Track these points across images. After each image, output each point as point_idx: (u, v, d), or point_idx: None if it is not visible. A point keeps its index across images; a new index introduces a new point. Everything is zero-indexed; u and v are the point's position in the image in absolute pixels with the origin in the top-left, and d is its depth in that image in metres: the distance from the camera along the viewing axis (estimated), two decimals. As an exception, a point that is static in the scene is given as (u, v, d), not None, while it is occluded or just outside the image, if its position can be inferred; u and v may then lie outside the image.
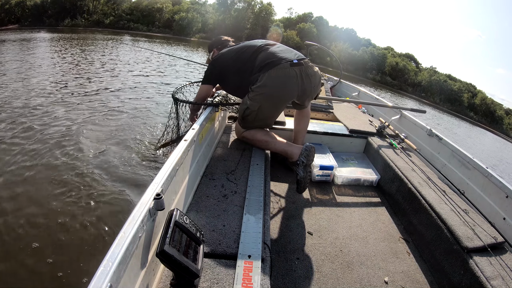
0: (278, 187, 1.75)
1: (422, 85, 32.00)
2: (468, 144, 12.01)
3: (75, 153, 2.77)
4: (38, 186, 2.25)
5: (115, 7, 30.57)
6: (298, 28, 33.22)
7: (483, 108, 31.37)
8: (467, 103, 31.17)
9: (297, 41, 30.64)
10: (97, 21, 28.64)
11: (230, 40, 1.86)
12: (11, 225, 1.86)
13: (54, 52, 9.15)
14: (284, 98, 1.52)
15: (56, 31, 19.00)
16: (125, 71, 7.36)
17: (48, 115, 3.66)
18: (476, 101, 31.71)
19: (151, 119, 3.96)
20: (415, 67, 34.22)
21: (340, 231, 1.44)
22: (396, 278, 1.21)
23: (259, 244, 0.89)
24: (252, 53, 1.53)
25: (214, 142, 1.62)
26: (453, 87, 31.46)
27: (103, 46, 11.86)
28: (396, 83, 31.39)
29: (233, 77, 1.60)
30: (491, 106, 31.72)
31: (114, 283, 0.51)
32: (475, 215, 1.35)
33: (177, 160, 0.93)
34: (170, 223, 0.69)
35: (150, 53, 11.75)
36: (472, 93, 32.65)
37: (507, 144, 20.13)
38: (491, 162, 9.47)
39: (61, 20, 26.20)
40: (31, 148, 2.78)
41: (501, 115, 31.24)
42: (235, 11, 34.33)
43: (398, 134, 2.19)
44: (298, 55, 1.53)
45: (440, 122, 16.51)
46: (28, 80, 5.21)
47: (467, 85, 33.47)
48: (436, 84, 31.57)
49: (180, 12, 31.97)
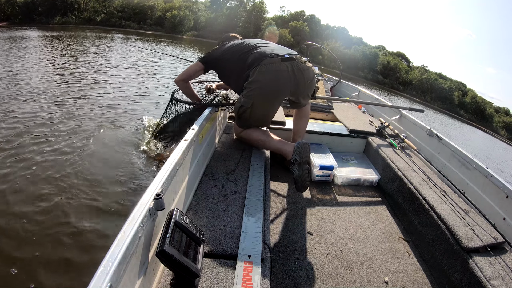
0: (278, 187, 1.75)
1: (413, 83, 32.16)
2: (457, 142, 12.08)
3: (69, 152, 2.77)
4: (32, 185, 2.25)
5: (107, 4, 30.26)
6: (290, 27, 33.13)
7: (474, 107, 31.60)
8: (457, 102, 31.39)
9: (289, 39, 30.63)
10: (88, 18, 28.28)
11: (238, 37, 1.88)
12: (8, 224, 1.86)
13: (44, 51, 8.95)
14: (276, 93, 1.50)
15: (46, 28, 18.64)
16: (117, 70, 7.25)
17: (40, 114, 3.64)
18: (466, 99, 31.91)
19: (147, 117, 3.96)
20: (406, 65, 34.32)
21: (340, 231, 1.44)
22: (396, 278, 1.21)
23: (259, 244, 0.89)
24: (246, 51, 1.53)
25: (214, 142, 1.61)
26: (444, 85, 31.60)
27: (94, 45, 11.70)
28: (388, 82, 31.51)
29: (229, 69, 1.62)
30: (481, 104, 31.96)
31: (114, 283, 0.51)
32: (475, 215, 1.35)
33: (177, 160, 0.93)
34: (170, 223, 0.69)
35: (143, 52, 11.69)
36: (462, 91, 32.85)
37: (495, 141, 20.32)
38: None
39: (51, 17, 25.76)
40: (25, 147, 2.78)
41: (491, 113, 31.50)
42: (227, 9, 34.20)
43: (398, 134, 2.19)
44: (289, 51, 1.53)
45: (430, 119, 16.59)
46: (18, 79, 5.13)
47: (457, 84, 33.68)
48: (427, 82, 31.73)
49: (172, 10, 31.78)
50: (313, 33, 33.12)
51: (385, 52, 34.84)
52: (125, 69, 7.78)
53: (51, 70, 6.25)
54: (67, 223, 1.92)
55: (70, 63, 7.26)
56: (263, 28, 32.88)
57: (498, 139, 23.60)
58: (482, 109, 31.54)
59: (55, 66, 6.75)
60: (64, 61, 7.36)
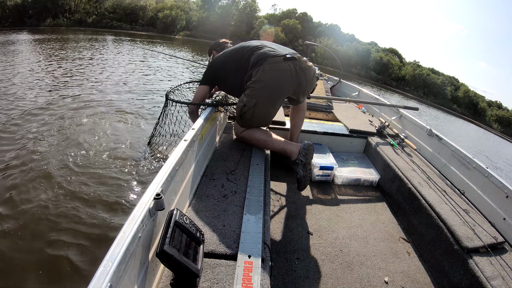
0: (278, 187, 1.75)
1: (406, 79, 32.25)
2: (453, 135, 12.12)
3: (69, 152, 2.77)
4: (32, 185, 2.25)
5: (98, 5, 30.00)
6: (282, 25, 33.04)
7: (466, 101, 31.69)
8: (450, 96, 31.46)
9: (282, 38, 30.56)
10: (79, 20, 28.01)
11: (228, 42, 1.90)
12: (9, 226, 1.86)
13: (36, 54, 8.75)
14: (280, 92, 1.51)
15: (37, 31, 18.41)
16: (111, 72, 7.19)
17: (36, 117, 3.63)
18: (459, 94, 31.99)
19: (144, 119, 3.95)
20: (398, 61, 34.38)
21: (340, 231, 1.44)
22: (396, 278, 1.21)
23: (259, 244, 0.89)
24: (247, 53, 1.54)
25: (214, 142, 1.61)
26: (437, 80, 31.67)
27: (86, 48, 11.49)
28: (381, 78, 31.57)
29: (229, 78, 1.61)
30: (474, 98, 32.04)
31: (114, 283, 0.51)
32: (475, 215, 1.35)
33: (177, 160, 0.93)
34: (170, 223, 0.69)
35: (138, 52, 11.61)
36: (455, 86, 32.95)
37: (487, 134, 20.38)
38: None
39: (42, 20, 25.46)
40: (23, 146, 2.78)
41: (484, 107, 31.56)
42: (219, 8, 34.06)
43: (398, 134, 2.19)
44: (290, 51, 1.55)
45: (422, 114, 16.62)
46: (10, 83, 5.06)
47: (450, 79, 33.78)
48: (420, 78, 31.81)
49: (164, 10, 31.61)
50: (305, 31, 33.07)
51: (378, 48, 34.88)
52: (122, 68, 7.76)
53: (43, 74, 6.10)
54: (66, 223, 1.92)
55: (62, 66, 7.10)
56: (256, 26, 32.78)
57: (491, 132, 23.64)
58: (475, 103, 31.64)
59: (46, 70, 6.56)
60: (55, 66, 7.13)
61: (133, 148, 3.02)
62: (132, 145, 3.10)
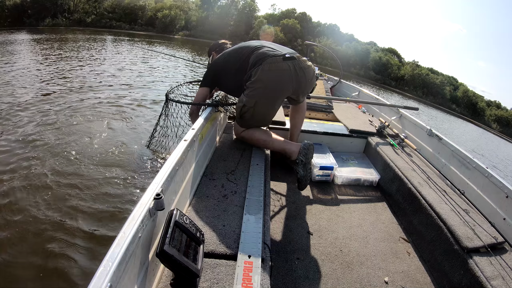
0: (278, 187, 1.75)
1: (405, 79, 32.30)
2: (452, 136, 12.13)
3: (68, 152, 2.77)
4: (31, 185, 2.25)
5: (97, 5, 29.95)
6: (282, 24, 33.05)
7: (465, 101, 31.79)
8: (449, 96, 31.52)
9: (281, 37, 30.54)
10: (78, 20, 27.94)
11: (227, 42, 1.91)
12: (9, 226, 1.86)
13: (35, 54, 8.68)
14: (279, 92, 1.51)
15: (36, 31, 18.31)
16: (110, 72, 7.15)
17: (37, 118, 3.63)
18: (458, 93, 32.05)
19: (144, 119, 3.95)
20: (397, 61, 34.43)
21: (340, 231, 1.44)
22: (396, 278, 1.21)
23: (259, 244, 0.89)
24: (246, 54, 1.54)
25: (214, 142, 1.61)
26: (436, 80, 31.74)
27: (85, 48, 11.44)
28: (380, 78, 31.61)
29: (229, 78, 1.61)
30: (473, 98, 32.12)
31: (114, 283, 0.51)
32: (475, 215, 1.35)
33: (177, 160, 0.93)
34: (170, 223, 0.69)
35: (138, 52, 11.58)
36: (454, 86, 33.03)
37: (486, 133, 20.40)
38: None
39: (41, 20, 25.31)
40: (25, 151, 2.78)
41: (483, 107, 31.60)
42: (219, 8, 34.11)
43: (398, 134, 2.19)
44: (290, 50, 1.55)
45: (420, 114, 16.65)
46: (10, 85, 5.02)
47: (449, 78, 33.85)
48: (419, 77, 31.90)
49: (163, 10, 31.60)
50: (304, 30, 33.09)
51: (377, 48, 34.93)
52: (122, 68, 7.75)
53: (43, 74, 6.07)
54: (66, 223, 1.92)
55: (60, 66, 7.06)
56: (255, 26, 32.76)
57: (490, 132, 23.63)
58: (474, 103, 31.72)
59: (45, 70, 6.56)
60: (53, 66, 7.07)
61: (133, 148, 3.02)
62: (132, 145, 3.10)
